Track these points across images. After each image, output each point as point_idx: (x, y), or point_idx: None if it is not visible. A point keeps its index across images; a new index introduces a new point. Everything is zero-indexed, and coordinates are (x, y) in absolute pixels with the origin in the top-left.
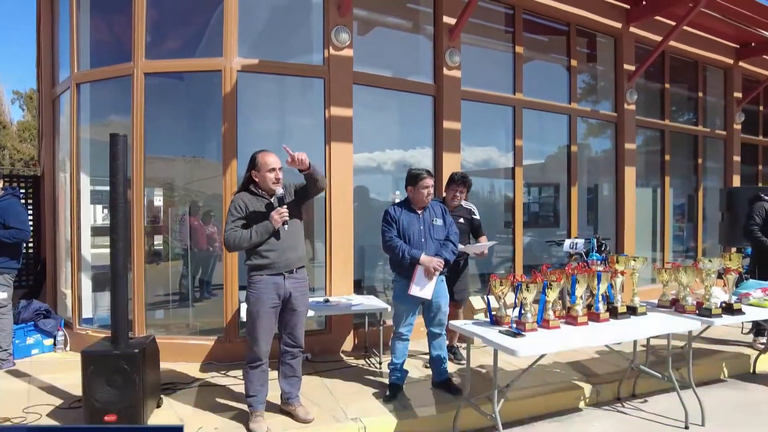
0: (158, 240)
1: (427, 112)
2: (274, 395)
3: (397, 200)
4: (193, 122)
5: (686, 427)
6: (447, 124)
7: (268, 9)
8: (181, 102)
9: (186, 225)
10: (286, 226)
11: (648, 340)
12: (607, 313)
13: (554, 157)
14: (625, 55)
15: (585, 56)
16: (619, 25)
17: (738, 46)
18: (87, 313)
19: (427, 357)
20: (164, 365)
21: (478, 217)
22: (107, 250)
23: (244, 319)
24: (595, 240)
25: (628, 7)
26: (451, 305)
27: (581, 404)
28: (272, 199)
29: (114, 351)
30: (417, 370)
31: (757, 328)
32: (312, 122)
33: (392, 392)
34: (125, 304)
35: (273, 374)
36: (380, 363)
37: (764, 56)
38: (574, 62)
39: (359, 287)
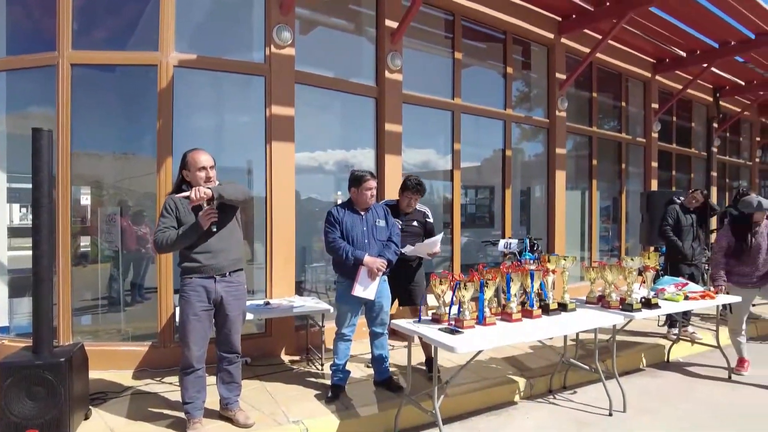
0: (86, 241)
1: (369, 113)
2: (213, 401)
3: (340, 201)
4: (124, 117)
5: (610, 414)
6: (389, 127)
7: (207, 4)
8: (112, 96)
9: (116, 225)
10: (214, 228)
11: (577, 334)
12: (540, 310)
13: (490, 161)
14: (557, 64)
15: (520, 64)
16: (551, 36)
17: (655, 61)
18: (2, 321)
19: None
20: (94, 374)
21: (431, 220)
22: (26, 253)
23: None
24: (528, 240)
25: (560, 19)
26: (412, 310)
27: (516, 398)
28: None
29: (36, 361)
30: (359, 370)
31: (671, 320)
32: (252, 120)
33: (334, 393)
34: (50, 309)
35: (212, 379)
36: (322, 365)
37: (677, 71)
38: (509, 69)
39: (301, 289)
